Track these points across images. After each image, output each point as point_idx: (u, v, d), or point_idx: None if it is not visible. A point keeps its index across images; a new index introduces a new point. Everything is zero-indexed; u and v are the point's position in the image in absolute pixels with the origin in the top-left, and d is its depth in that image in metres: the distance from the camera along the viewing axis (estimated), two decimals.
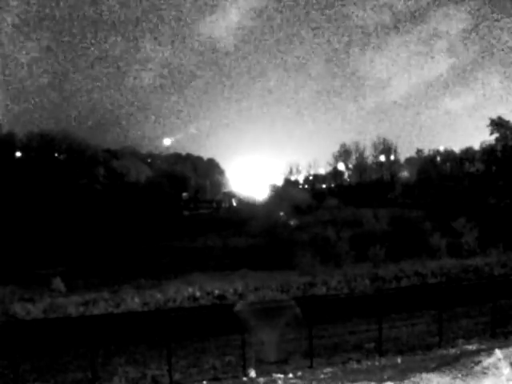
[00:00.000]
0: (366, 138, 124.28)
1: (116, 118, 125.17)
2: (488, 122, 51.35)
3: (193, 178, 78.00)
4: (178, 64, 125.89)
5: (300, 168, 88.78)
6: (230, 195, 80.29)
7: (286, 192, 63.49)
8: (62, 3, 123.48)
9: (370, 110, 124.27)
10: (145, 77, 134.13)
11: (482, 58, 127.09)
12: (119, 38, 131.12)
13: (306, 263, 29.60)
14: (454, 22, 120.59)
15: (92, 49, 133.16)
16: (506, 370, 6.53)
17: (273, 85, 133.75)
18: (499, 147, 51.07)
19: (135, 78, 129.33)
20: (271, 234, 39.29)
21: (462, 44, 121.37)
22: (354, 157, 79.88)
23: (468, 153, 62.25)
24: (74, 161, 59.72)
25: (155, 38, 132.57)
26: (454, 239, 34.10)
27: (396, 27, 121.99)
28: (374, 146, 78.23)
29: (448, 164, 63.21)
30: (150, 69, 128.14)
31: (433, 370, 7.46)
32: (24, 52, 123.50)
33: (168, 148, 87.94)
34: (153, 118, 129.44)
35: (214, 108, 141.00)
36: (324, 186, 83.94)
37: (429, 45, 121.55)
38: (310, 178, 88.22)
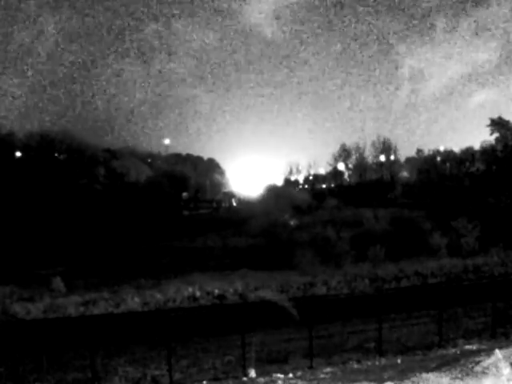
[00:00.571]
0: (366, 138, 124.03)
1: (116, 118, 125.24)
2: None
3: (193, 178, 77.95)
4: (177, 64, 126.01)
5: (300, 168, 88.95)
6: (230, 195, 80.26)
7: (285, 192, 63.50)
8: None
9: (371, 110, 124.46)
10: (144, 76, 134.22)
11: None
12: (121, 36, 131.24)
13: (306, 263, 29.60)
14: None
15: (94, 50, 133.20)
16: (506, 370, 6.52)
17: (275, 85, 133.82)
18: (499, 147, 51.07)
19: (134, 78, 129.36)
20: (271, 234, 39.27)
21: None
22: (354, 157, 79.98)
23: (468, 153, 62.23)
24: (73, 161, 59.70)
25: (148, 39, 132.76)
26: (454, 239, 34.09)
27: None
28: (374, 146, 78.32)
29: (448, 164, 63.16)
30: (150, 69, 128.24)
31: (433, 370, 7.45)
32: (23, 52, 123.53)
33: (168, 148, 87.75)
34: (153, 118, 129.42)
35: (214, 108, 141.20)
36: (324, 185, 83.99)
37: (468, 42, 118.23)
38: (310, 177, 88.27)
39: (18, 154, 59.21)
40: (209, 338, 13.91)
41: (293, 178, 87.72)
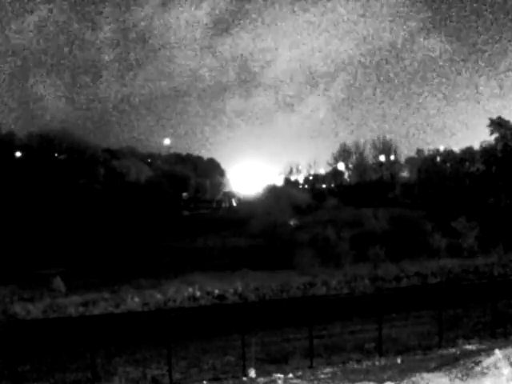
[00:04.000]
0: (365, 138, 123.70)
1: (116, 118, 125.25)
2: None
3: (193, 178, 77.91)
4: (178, 65, 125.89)
5: (300, 168, 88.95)
6: (230, 195, 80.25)
7: (285, 192, 63.45)
8: None
9: (370, 109, 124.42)
10: (145, 76, 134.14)
11: None
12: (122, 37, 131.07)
13: (306, 263, 29.61)
14: None
15: (93, 50, 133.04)
16: (506, 370, 6.52)
17: (275, 85, 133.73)
18: (499, 147, 51.00)
19: (135, 78, 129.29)
20: (271, 234, 39.27)
21: None
22: (354, 157, 79.93)
23: (468, 153, 62.14)
24: (73, 161, 59.73)
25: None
26: (454, 239, 34.07)
27: None
28: (374, 146, 78.26)
29: (448, 164, 63.08)
30: (151, 70, 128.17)
31: (433, 370, 7.46)
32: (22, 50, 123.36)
33: (168, 148, 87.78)
34: (153, 117, 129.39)
35: (215, 108, 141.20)
36: (324, 185, 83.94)
37: None
38: (310, 178, 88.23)
39: (18, 153, 59.26)
40: (209, 338, 13.93)
41: (293, 178, 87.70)
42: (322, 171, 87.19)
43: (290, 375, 10.20)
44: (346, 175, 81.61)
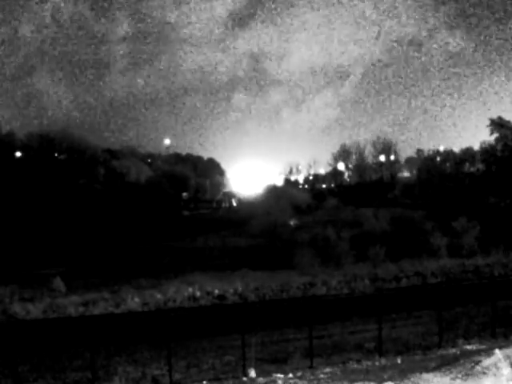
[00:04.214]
0: (365, 138, 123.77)
1: (116, 118, 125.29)
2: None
3: (193, 178, 77.92)
4: (186, 62, 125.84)
5: (300, 168, 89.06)
6: (230, 195, 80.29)
7: (285, 192, 63.47)
8: None
9: (371, 109, 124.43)
10: (146, 77, 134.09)
11: None
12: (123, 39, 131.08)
13: (306, 263, 29.61)
14: None
15: (93, 49, 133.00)
16: (506, 370, 6.52)
17: (281, 84, 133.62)
18: (499, 147, 51.05)
19: (139, 77, 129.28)
20: (271, 234, 39.26)
21: None
22: (354, 157, 80.00)
23: (468, 153, 62.21)
24: (73, 161, 59.75)
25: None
26: (454, 239, 34.06)
27: None
28: (374, 146, 78.33)
29: (448, 164, 63.13)
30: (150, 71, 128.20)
31: (433, 369, 7.45)
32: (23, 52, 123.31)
33: (168, 148, 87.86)
34: (153, 117, 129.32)
35: (217, 107, 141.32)
36: (324, 185, 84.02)
37: None
38: (310, 177, 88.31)
39: (18, 154, 59.27)
40: (209, 337, 13.94)
41: (293, 178, 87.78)
42: (322, 171, 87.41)
43: (290, 375, 10.20)
44: (346, 175, 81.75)
